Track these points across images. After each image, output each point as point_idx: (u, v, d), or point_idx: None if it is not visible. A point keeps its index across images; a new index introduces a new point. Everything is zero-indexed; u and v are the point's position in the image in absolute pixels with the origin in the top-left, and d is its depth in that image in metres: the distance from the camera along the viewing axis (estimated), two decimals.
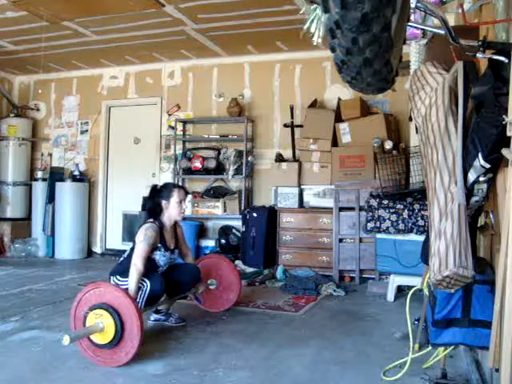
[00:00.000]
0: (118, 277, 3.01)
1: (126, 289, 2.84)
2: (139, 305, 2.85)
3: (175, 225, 3.26)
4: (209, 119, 6.17)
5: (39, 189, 6.50)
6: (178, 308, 3.52)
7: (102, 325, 2.49)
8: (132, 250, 3.02)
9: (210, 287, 3.59)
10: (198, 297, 3.59)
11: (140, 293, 2.87)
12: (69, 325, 3.18)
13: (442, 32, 1.65)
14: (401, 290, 4.14)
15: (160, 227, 3.06)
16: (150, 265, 3.00)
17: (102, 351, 2.53)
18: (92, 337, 2.52)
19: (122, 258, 3.15)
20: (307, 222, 5.16)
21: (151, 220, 3.07)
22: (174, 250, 3.21)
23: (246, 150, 5.73)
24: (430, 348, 2.23)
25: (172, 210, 3.11)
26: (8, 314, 3.43)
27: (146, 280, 2.88)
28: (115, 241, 6.63)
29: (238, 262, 5.34)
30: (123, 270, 2.99)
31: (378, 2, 0.93)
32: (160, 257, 3.07)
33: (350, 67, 1.12)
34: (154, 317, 3.29)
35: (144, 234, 2.94)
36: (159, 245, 3.04)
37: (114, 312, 2.49)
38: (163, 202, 3.10)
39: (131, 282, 2.81)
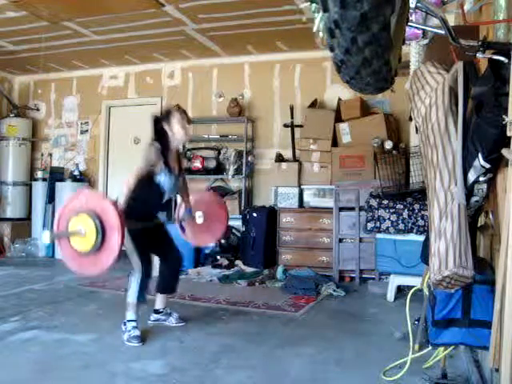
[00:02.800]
0: None
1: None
2: (133, 296, 2.89)
3: (178, 153, 3.21)
4: (209, 119, 6.17)
5: (39, 189, 6.50)
6: (178, 308, 3.52)
7: (84, 230, 2.47)
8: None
9: (198, 221, 3.51)
10: (182, 225, 3.52)
11: (132, 283, 2.90)
12: (69, 325, 3.20)
13: (442, 32, 1.64)
14: (401, 290, 4.14)
15: (162, 149, 2.99)
16: (155, 189, 2.98)
17: (83, 258, 2.52)
18: (74, 243, 2.51)
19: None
20: (307, 221, 5.16)
21: (152, 142, 3.01)
22: (178, 176, 3.15)
23: (246, 149, 5.73)
24: (429, 348, 2.22)
25: (176, 132, 3.05)
26: (8, 314, 3.43)
27: (139, 263, 2.89)
28: None
29: (238, 262, 5.34)
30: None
31: (377, 2, 0.93)
32: (165, 179, 2.99)
33: (349, 67, 1.12)
34: (153, 317, 3.29)
35: (145, 160, 2.94)
36: (163, 166, 2.98)
37: (96, 217, 2.46)
38: (165, 127, 3.04)
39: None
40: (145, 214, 3.06)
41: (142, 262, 2.92)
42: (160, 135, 3.05)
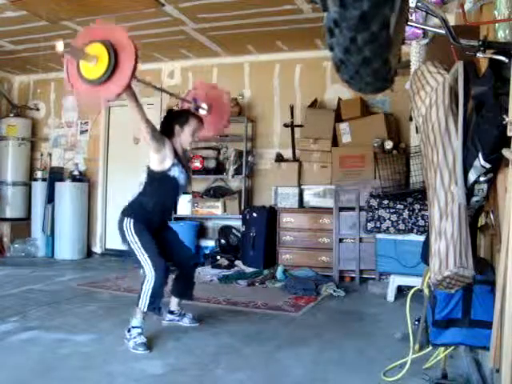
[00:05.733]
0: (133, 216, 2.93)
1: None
2: (143, 303, 2.78)
3: (185, 152, 3.18)
4: None
5: (39, 189, 6.49)
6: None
7: (96, 59, 2.41)
8: (145, 184, 3.04)
9: (201, 112, 3.47)
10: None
11: (144, 289, 2.80)
12: (69, 325, 3.19)
13: (443, 32, 1.64)
14: (401, 290, 4.13)
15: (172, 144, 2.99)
16: (169, 186, 2.97)
17: (93, 87, 2.46)
18: (84, 71, 2.45)
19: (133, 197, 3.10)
20: (307, 221, 5.16)
21: (163, 136, 2.98)
22: (187, 173, 3.13)
23: (245, 150, 5.73)
24: (430, 348, 2.23)
25: (184, 137, 3.02)
26: (8, 314, 3.42)
27: (152, 269, 2.80)
28: (115, 241, 6.59)
29: (238, 262, 5.33)
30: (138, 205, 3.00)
31: (376, 1, 0.93)
32: (179, 173, 2.96)
33: (349, 66, 1.12)
34: (168, 317, 3.27)
35: (156, 152, 2.90)
36: (175, 161, 2.95)
37: (110, 46, 2.40)
38: (176, 128, 3.01)
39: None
40: (158, 217, 3.05)
41: (156, 266, 2.81)
42: (168, 132, 3.01)
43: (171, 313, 3.29)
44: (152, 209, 2.99)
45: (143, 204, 3.00)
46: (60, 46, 2.31)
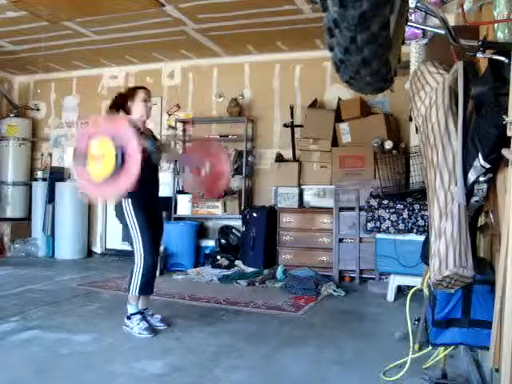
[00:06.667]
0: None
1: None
2: (134, 289, 2.91)
3: (147, 129, 3.27)
4: (209, 119, 6.17)
5: (39, 189, 6.50)
6: (178, 308, 3.51)
7: (102, 157, 2.51)
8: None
9: (202, 172, 3.54)
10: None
11: (134, 276, 2.92)
12: (69, 325, 3.20)
13: (442, 32, 1.64)
14: (401, 290, 4.14)
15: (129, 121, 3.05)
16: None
17: (98, 185, 2.57)
18: (91, 170, 2.56)
19: None
20: (307, 222, 5.16)
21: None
22: (154, 141, 3.20)
23: (245, 149, 5.73)
24: (430, 348, 2.23)
25: (138, 108, 3.12)
26: (8, 314, 3.42)
27: (142, 255, 2.91)
28: (115, 241, 6.62)
29: (238, 262, 5.34)
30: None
31: (376, 1, 0.93)
32: (144, 141, 3.01)
33: (349, 66, 1.12)
34: None
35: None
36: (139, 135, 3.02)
37: (118, 144, 2.48)
38: (129, 104, 3.12)
39: None
40: (148, 187, 3.09)
41: (148, 249, 2.92)
42: (126, 113, 3.10)
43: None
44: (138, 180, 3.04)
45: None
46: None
